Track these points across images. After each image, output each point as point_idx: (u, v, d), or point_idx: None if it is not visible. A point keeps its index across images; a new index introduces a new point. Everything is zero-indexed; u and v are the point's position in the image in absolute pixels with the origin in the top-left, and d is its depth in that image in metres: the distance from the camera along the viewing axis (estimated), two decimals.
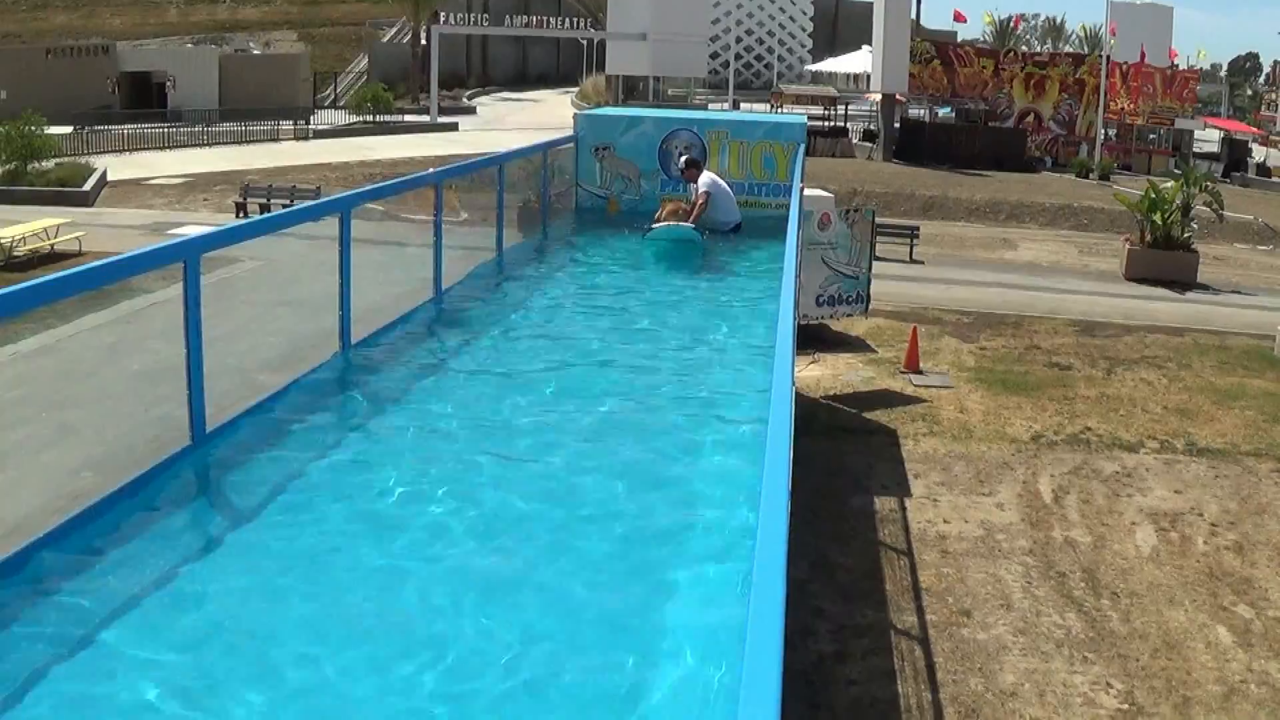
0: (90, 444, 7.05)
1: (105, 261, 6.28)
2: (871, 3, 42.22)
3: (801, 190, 11.13)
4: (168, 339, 6.98)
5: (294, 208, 11.79)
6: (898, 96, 39.45)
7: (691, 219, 11.50)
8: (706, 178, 11.66)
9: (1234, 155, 42.81)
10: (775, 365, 4.42)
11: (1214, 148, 45.96)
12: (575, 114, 15.07)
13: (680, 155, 12.84)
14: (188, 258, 6.17)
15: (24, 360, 10.43)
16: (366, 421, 7.02)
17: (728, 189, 12.00)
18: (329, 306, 8.27)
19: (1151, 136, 42.57)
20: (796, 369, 6.88)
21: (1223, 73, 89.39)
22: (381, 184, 9.69)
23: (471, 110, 52.64)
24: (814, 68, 62.88)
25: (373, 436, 6.80)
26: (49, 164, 28.67)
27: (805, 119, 15.99)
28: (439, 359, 7.83)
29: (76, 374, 10.01)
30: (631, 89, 47.17)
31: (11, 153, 27.92)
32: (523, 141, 15.35)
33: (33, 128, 28.31)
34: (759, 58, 65.19)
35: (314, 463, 6.38)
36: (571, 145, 13.58)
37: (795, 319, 6.51)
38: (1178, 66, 46.07)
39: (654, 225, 11.30)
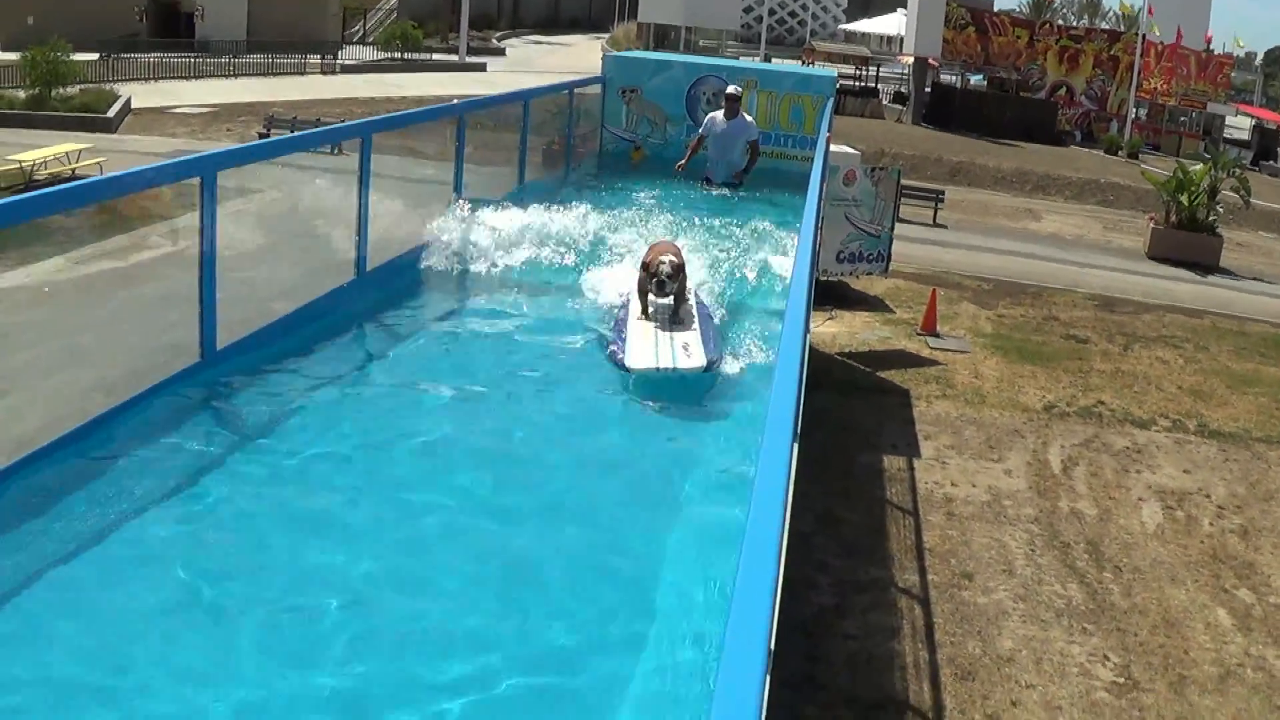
0: (102, 367, 7.03)
1: (123, 173, 6.26)
2: None
3: (829, 143, 11.00)
4: (184, 267, 6.99)
5: (315, 129, 11.72)
6: (930, 60, 39.06)
7: (683, 160, 11.49)
8: (739, 122, 11.54)
9: (1264, 144, 42.42)
10: (788, 316, 4.35)
11: (1244, 135, 45.50)
12: (604, 55, 14.91)
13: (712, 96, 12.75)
14: (204, 174, 6.16)
15: (39, 284, 10.41)
16: (378, 342, 7.45)
17: (738, 133, 11.77)
18: (347, 236, 8.44)
19: (1182, 119, 42.12)
20: (813, 325, 6.89)
21: (1258, 61, 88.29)
22: (405, 112, 9.66)
23: (500, 52, 52.32)
24: (847, 27, 62.46)
25: (383, 356, 7.23)
26: (73, 90, 28.49)
27: (835, 74, 15.81)
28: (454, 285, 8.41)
29: (91, 299, 9.97)
30: (663, 38, 46.79)
31: (36, 78, 27.75)
32: None
33: (58, 54, 28.07)
34: (793, 14, 64.80)
35: (324, 385, 6.47)
36: (599, 88, 13.46)
37: (813, 274, 6.60)
38: (1213, 51, 45.49)
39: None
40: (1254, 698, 7.34)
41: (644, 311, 8.09)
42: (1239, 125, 48.36)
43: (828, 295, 14.11)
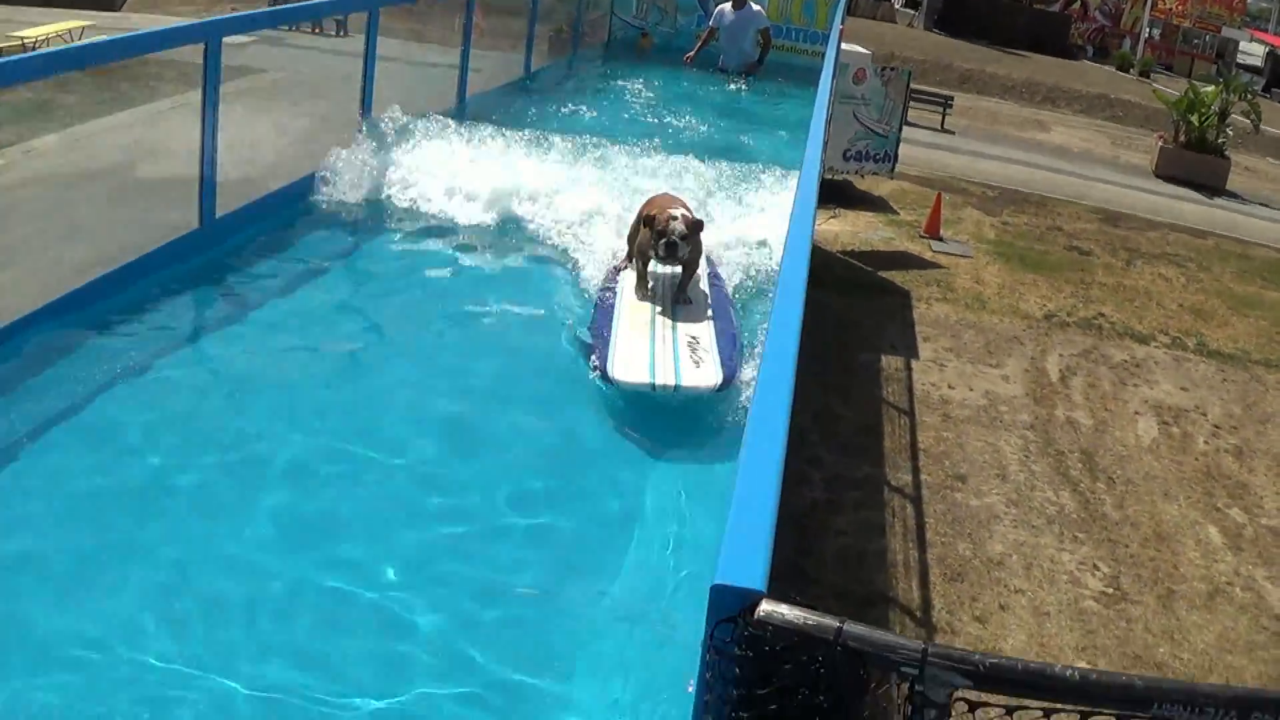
0: (102, 241, 6.89)
1: (128, 35, 6.09)
2: None
3: (841, 38, 10.75)
4: (188, 141, 6.83)
5: None
6: None
7: (693, 52, 11.23)
8: (747, 12, 11.25)
9: (1277, 71, 41.83)
10: (796, 209, 4.19)
11: (1258, 62, 44.81)
12: None
13: None
14: (209, 38, 6.03)
15: (40, 158, 10.18)
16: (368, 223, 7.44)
17: (748, 23, 11.48)
18: (350, 110, 8.35)
19: (1195, 41, 41.51)
20: (816, 222, 6.71)
21: None
22: None
23: None
24: None
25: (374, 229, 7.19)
26: None
27: None
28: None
29: (92, 173, 9.73)
30: None
31: None
32: None
33: None
34: None
35: (324, 245, 6.50)
36: None
37: (820, 170, 6.35)
38: None
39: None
40: (1241, 617, 7.29)
41: (641, 282, 6.85)
42: (1252, 51, 47.62)
43: (832, 194, 13.88)
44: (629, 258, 7.30)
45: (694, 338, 6.29)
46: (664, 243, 6.52)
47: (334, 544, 4.25)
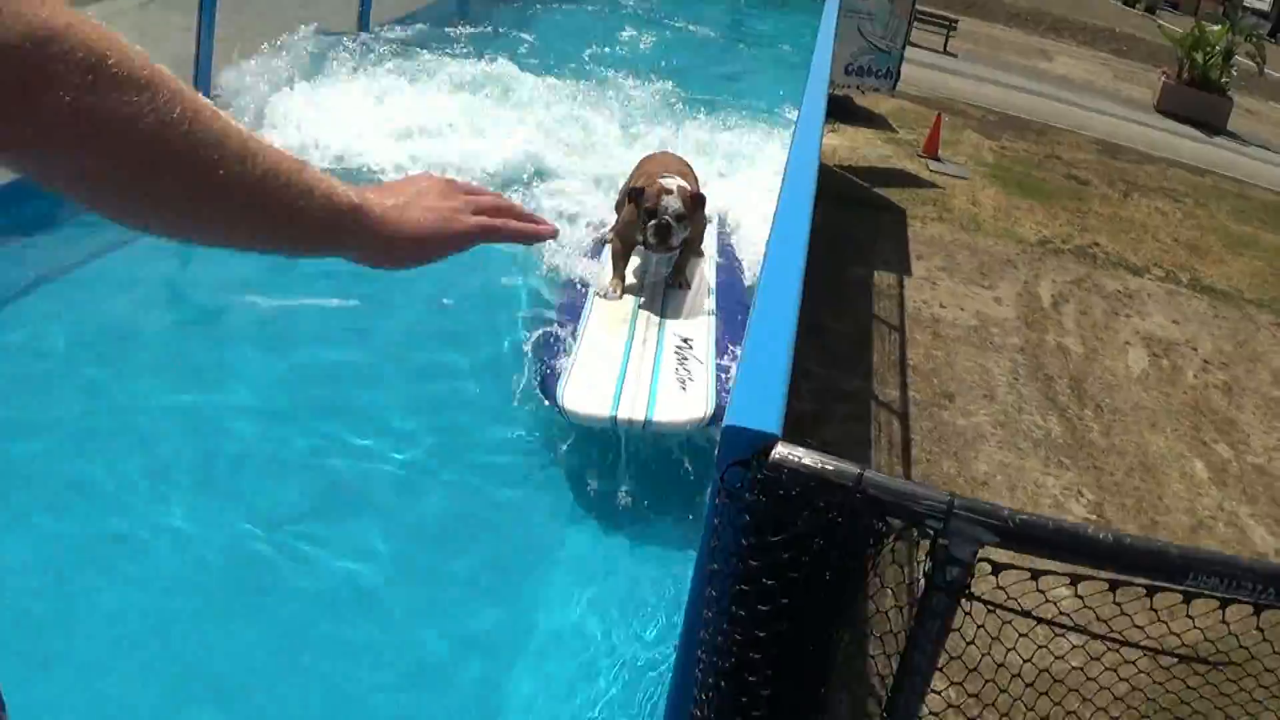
0: None
1: None
2: None
3: None
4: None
5: None
6: None
7: None
8: None
9: None
10: (802, 118, 4.04)
11: (1264, 7, 44.50)
12: None
13: None
14: None
15: None
16: None
17: None
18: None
19: None
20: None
21: None
22: None
23: None
24: None
25: None
26: None
27: None
28: None
29: None
30: None
31: None
32: None
33: None
34: None
35: None
36: None
37: (827, 84, 5.97)
38: None
39: None
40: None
41: (615, 276, 5.54)
42: None
43: (831, 108, 13.62)
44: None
45: (685, 341, 5.02)
46: (654, 225, 5.12)
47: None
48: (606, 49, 9.69)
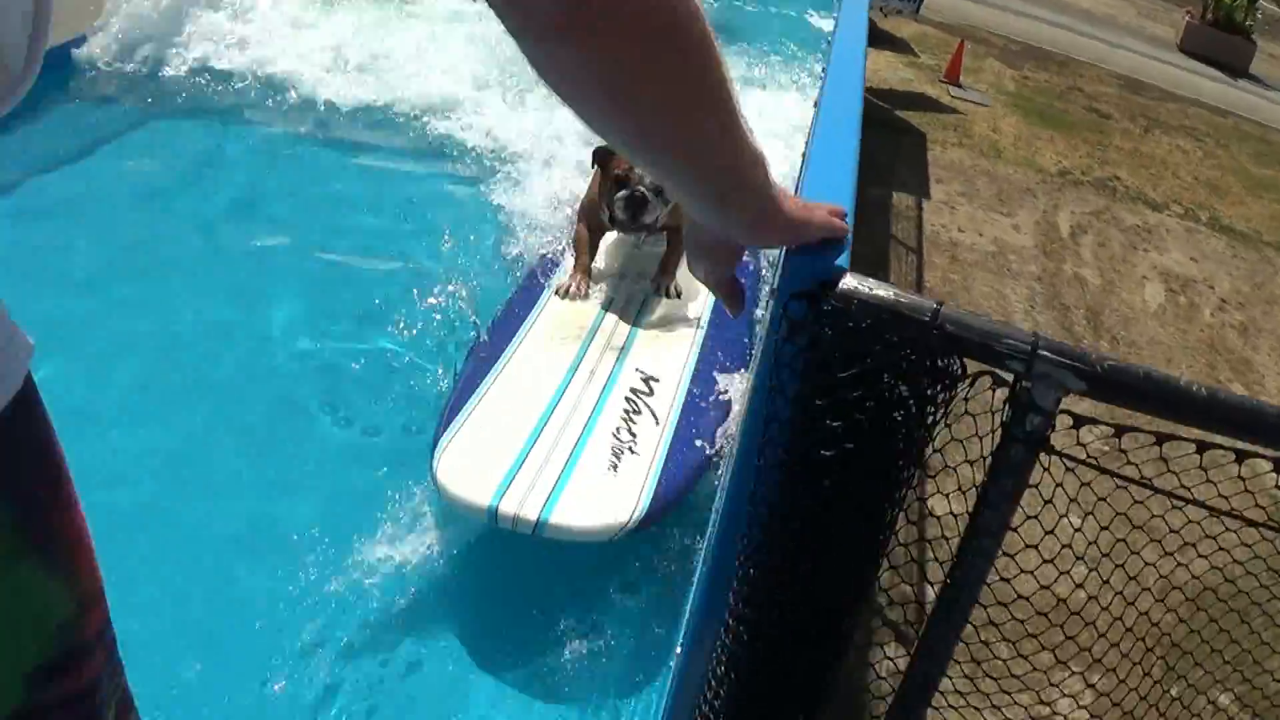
0: None
1: None
2: None
3: None
4: None
5: None
6: None
7: None
8: None
9: None
10: (838, 35, 3.84)
11: None
12: None
13: None
14: None
15: None
16: None
17: None
18: None
19: None
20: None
21: None
22: None
23: None
24: None
25: None
26: None
27: None
28: None
29: None
30: None
31: None
32: None
33: None
34: None
35: None
36: None
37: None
38: None
39: None
40: None
41: (579, 269, 4.21)
42: None
43: None
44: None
45: (647, 382, 3.55)
46: (624, 197, 3.92)
47: None
48: None
